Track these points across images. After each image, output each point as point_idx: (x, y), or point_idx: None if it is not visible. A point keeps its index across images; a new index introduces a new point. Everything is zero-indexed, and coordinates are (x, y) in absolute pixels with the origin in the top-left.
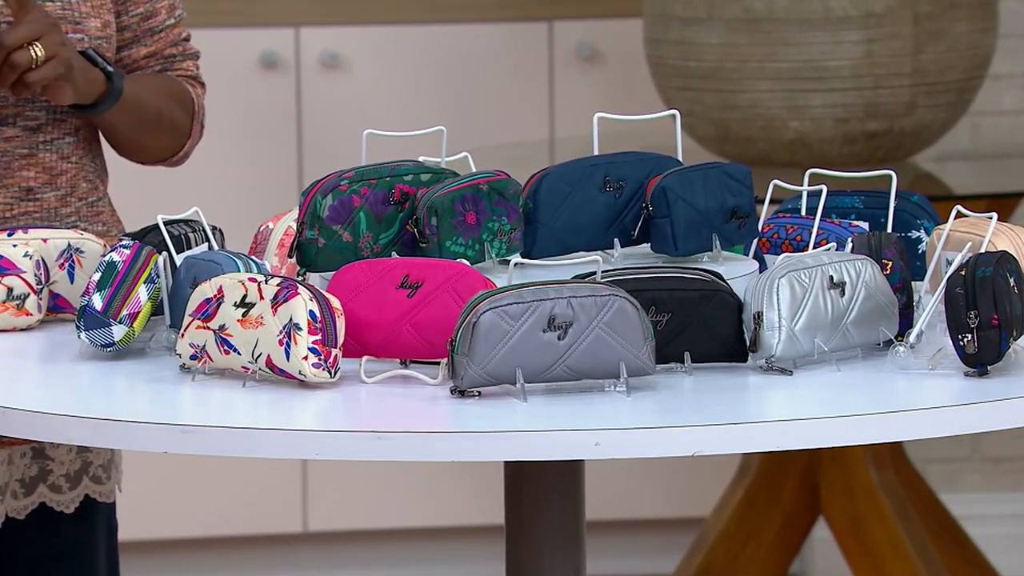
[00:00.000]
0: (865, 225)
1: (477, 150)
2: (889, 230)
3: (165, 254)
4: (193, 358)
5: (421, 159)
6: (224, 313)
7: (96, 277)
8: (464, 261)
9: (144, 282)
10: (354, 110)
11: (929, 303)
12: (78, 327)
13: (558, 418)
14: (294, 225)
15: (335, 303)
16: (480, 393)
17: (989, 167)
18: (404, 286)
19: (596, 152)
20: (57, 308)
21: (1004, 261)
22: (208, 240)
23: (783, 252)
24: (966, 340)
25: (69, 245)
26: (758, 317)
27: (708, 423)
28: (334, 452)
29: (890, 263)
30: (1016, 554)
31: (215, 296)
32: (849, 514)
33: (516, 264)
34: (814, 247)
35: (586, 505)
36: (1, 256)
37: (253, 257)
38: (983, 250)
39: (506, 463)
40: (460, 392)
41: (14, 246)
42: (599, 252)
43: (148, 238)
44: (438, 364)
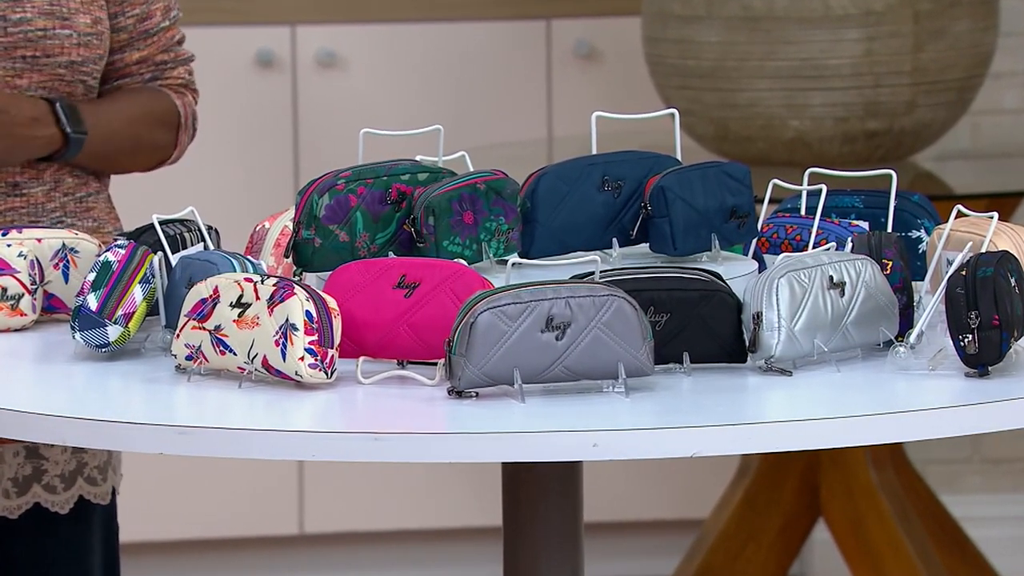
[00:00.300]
0: (865, 225)
1: (474, 149)
2: (889, 230)
3: (160, 254)
4: (189, 359)
5: (418, 158)
6: (220, 313)
7: (91, 277)
8: (461, 261)
9: (139, 282)
10: (351, 109)
11: (929, 303)
12: (73, 327)
13: (556, 419)
14: (290, 225)
15: (332, 303)
16: (478, 394)
17: (990, 166)
18: (401, 286)
19: (594, 151)
20: (52, 308)
21: (1005, 261)
22: (204, 240)
23: (782, 252)
24: (967, 340)
25: (64, 245)
26: (757, 317)
27: (707, 424)
28: (331, 453)
29: (890, 263)
30: (1017, 556)
31: (211, 296)
32: (849, 515)
33: (514, 264)
34: (814, 247)
35: (584, 506)
36: None
37: (249, 257)
38: (984, 250)
39: (504, 464)
40: (457, 393)
41: (8, 246)
42: (597, 252)
43: (143, 238)
44: (435, 365)
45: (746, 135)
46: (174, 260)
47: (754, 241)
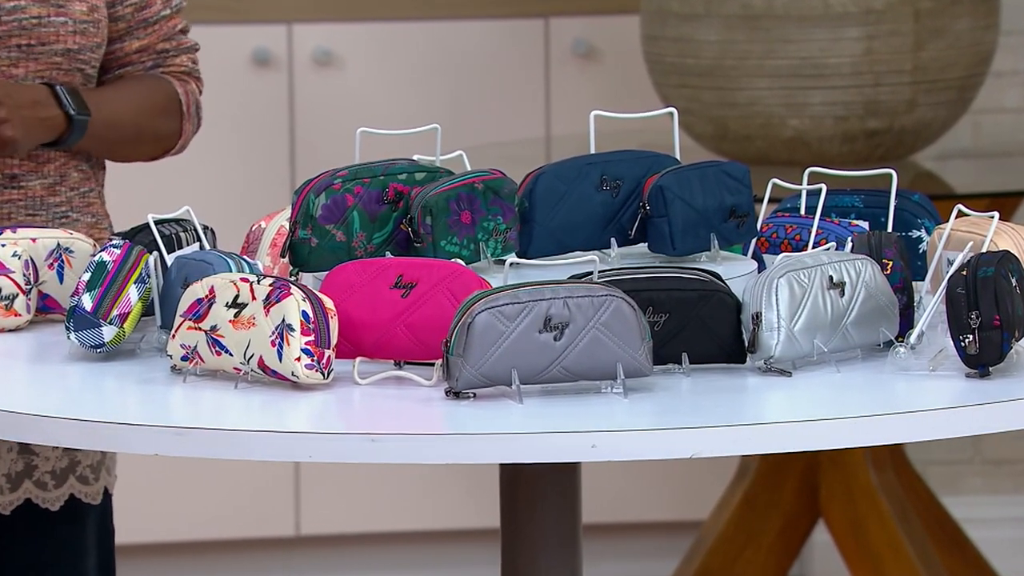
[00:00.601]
0: (865, 224)
1: (472, 148)
2: (889, 229)
3: (156, 254)
4: (184, 359)
5: (415, 157)
6: (216, 314)
7: (86, 277)
8: (459, 261)
9: (134, 282)
10: (348, 108)
11: (930, 303)
12: (67, 328)
13: (554, 420)
14: (287, 224)
15: (328, 303)
16: (475, 395)
17: (991, 165)
18: (398, 286)
19: (593, 150)
20: (46, 308)
21: (1006, 261)
22: (199, 239)
23: (782, 252)
24: (967, 341)
25: (58, 245)
26: (757, 318)
27: (706, 425)
28: (327, 454)
29: (890, 263)
30: (1018, 557)
31: (206, 296)
32: (849, 516)
33: (512, 264)
34: (813, 247)
35: (583, 508)
36: None
37: (245, 257)
38: (984, 250)
39: (502, 465)
40: (455, 394)
41: (2, 245)
42: (596, 252)
43: (138, 238)
44: (433, 365)
45: (745, 134)
46: (170, 260)
47: (753, 241)
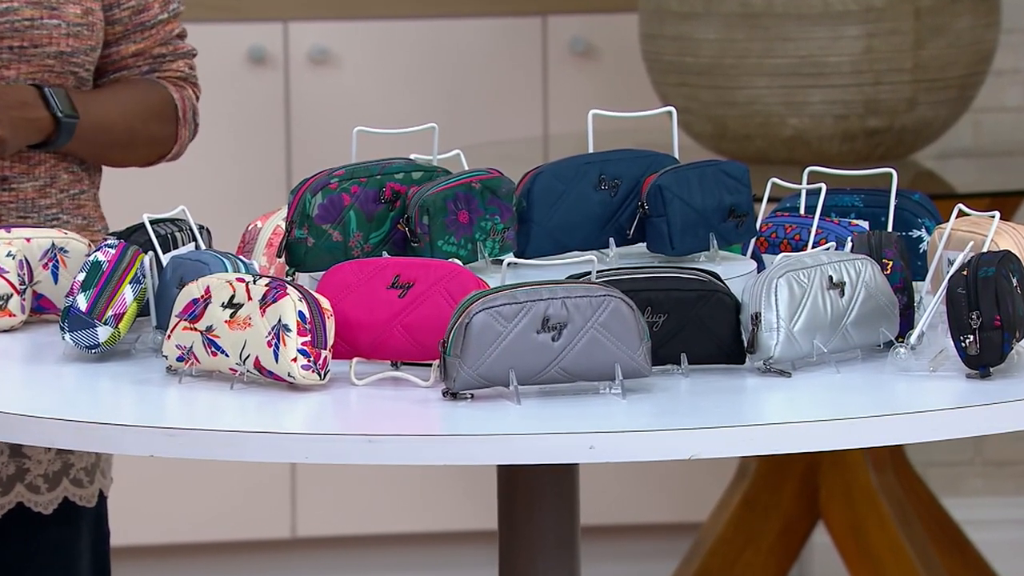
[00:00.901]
0: (865, 224)
1: (469, 148)
2: (890, 229)
3: (151, 254)
4: (180, 360)
5: (412, 157)
6: (211, 314)
7: (81, 277)
8: (456, 261)
9: (130, 282)
10: (344, 107)
11: (930, 304)
12: (62, 328)
13: (552, 421)
14: (283, 224)
15: (325, 304)
16: (473, 395)
17: (991, 165)
18: (395, 286)
19: (591, 150)
20: (41, 309)
21: (1007, 261)
22: (195, 239)
23: (781, 252)
24: (968, 341)
25: (53, 245)
26: (756, 318)
27: (705, 426)
28: (324, 456)
29: (891, 263)
30: (1019, 559)
31: (202, 297)
32: (849, 518)
33: (509, 264)
34: (813, 246)
35: (581, 510)
36: None
37: (241, 257)
38: (985, 249)
39: (499, 467)
40: (452, 394)
41: None
42: (594, 252)
43: (134, 237)
44: (430, 366)
45: (744, 133)
46: (165, 260)
47: (753, 241)
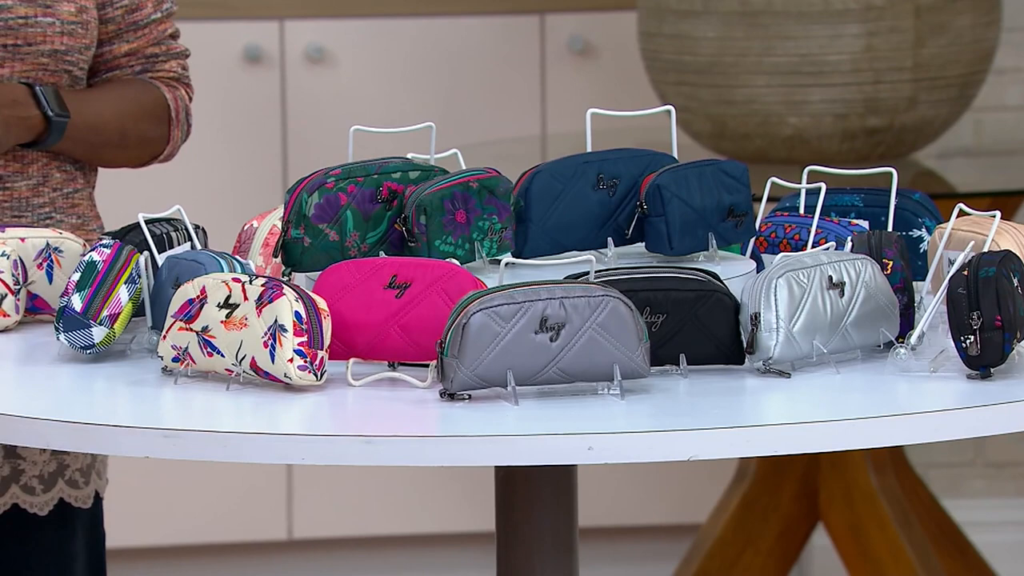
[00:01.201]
0: (865, 224)
1: (467, 147)
2: (890, 229)
3: (146, 253)
4: (175, 360)
5: (409, 156)
6: (207, 314)
7: (75, 277)
8: (454, 261)
9: (125, 282)
10: (340, 106)
11: (931, 304)
12: (57, 328)
13: (550, 422)
14: (279, 224)
15: (321, 304)
16: (470, 396)
17: (992, 164)
18: (392, 286)
19: (589, 149)
20: (35, 309)
21: (1008, 261)
22: (191, 239)
23: (781, 251)
24: (969, 342)
25: (48, 244)
26: (755, 318)
27: (704, 427)
28: (320, 457)
29: (891, 263)
30: (1020, 561)
31: (198, 297)
32: (849, 520)
33: (507, 264)
34: (813, 246)
35: (579, 511)
36: None
37: (237, 257)
38: (986, 249)
39: (497, 468)
40: (450, 395)
41: None
42: (592, 252)
43: (129, 237)
44: (427, 366)
45: (744, 132)
46: (160, 260)
47: (752, 240)
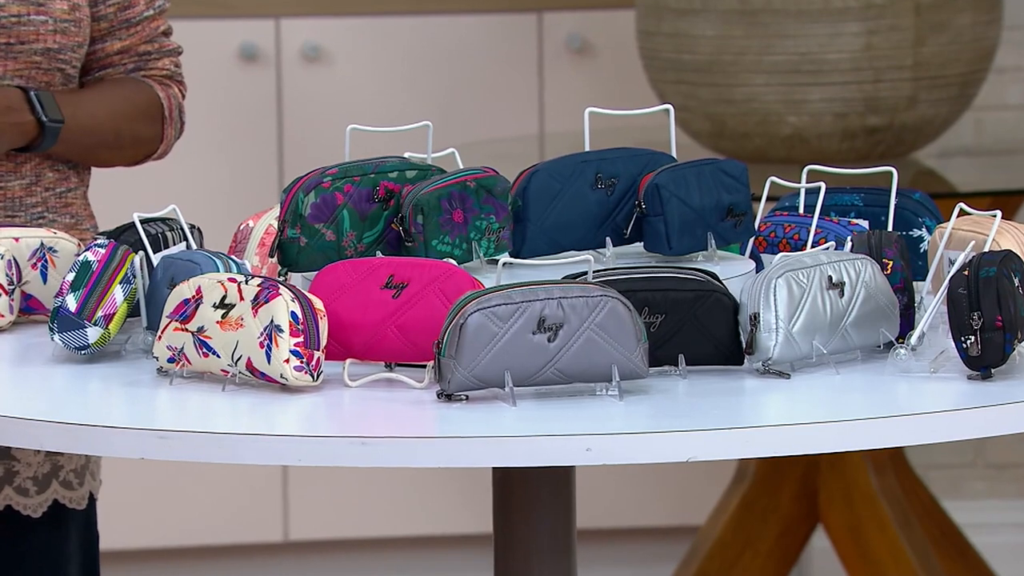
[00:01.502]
0: (865, 223)
1: (464, 146)
2: (890, 228)
3: (141, 253)
4: (171, 361)
5: (407, 155)
6: (203, 314)
7: (70, 277)
8: (451, 261)
9: (120, 282)
10: (337, 105)
11: (931, 304)
12: (51, 329)
13: (548, 423)
14: (275, 223)
15: (318, 304)
16: (467, 397)
17: (993, 163)
18: (389, 286)
19: (587, 148)
20: (29, 309)
21: (1008, 261)
22: (186, 239)
23: (780, 251)
24: (969, 342)
25: (42, 244)
26: (754, 318)
27: (703, 428)
28: (316, 458)
29: (891, 263)
30: (1021, 563)
31: (193, 297)
32: (848, 522)
33: (505, 264)
34: (812, 246)
35: (577, 513)
36: None
37: (233, 257)
38: (987, 249)
39: (494, 470)
40: (447, 396)
41: None
42: (590, 251)
43: (124, 237)
44: (424, 367)
45: (743, 131)
46: (156, 260)
47: (751, 240)
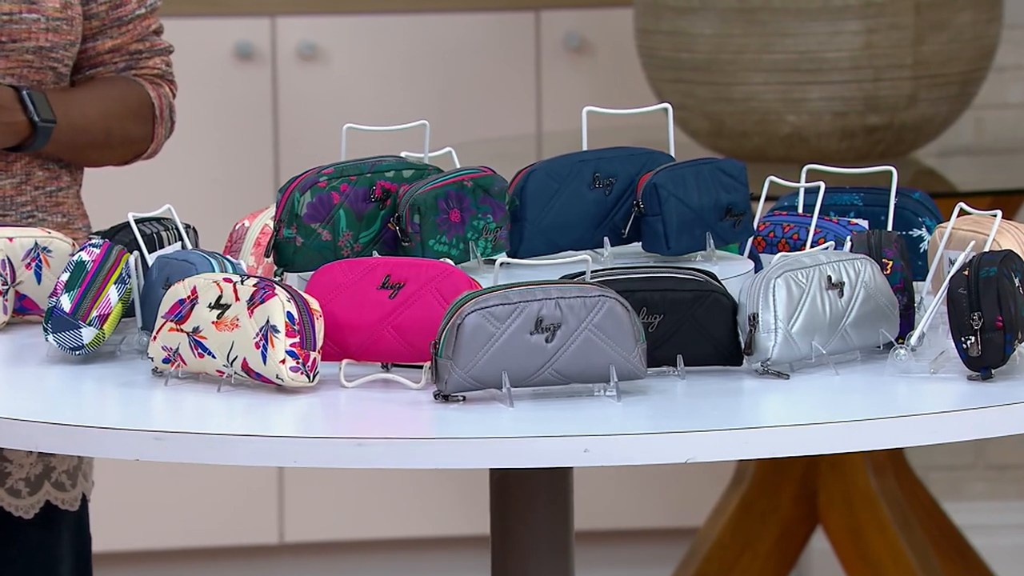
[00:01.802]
0: (864, 223)
1: (461, 145)
2: (889, 228)
3: (136, 253)
4: (166, 361)
5: (403, 154)
6: (198, 315)
7: (64, 277)
8: (448, 261)
9: (115, 282)
10: (333, 103)
11: (931, 304)
12: (45, 329)
13: (546, 424)
14: (271, 223)
15: (314, 304)
16: (465, 398)
17: (993, 162)
18: (386, 287)
19: (585, 147)
20: (23, 310)
21: (1009, 260)
22: (181, 239)
23: (779, 251)
24: (969, 342)
25: (36, 244)
26: (753, 319)
27: (702, 429)
28: (312, 459)
29: (890, 263)
30: (1021, 565)
31: (189, 297)
32: (848, 523)
33: (502, 264)
34: (811, 246)
35: (575, 514)
36: None
37: (228, 256)
38: (987, 249)
39: (492, 471)
40: (444, 397)
41: None
42: (588, 251)
43: (119, 237)
44: (421, 368)
45: (742, 130)
46: (151, 260)
47: (750, 240)
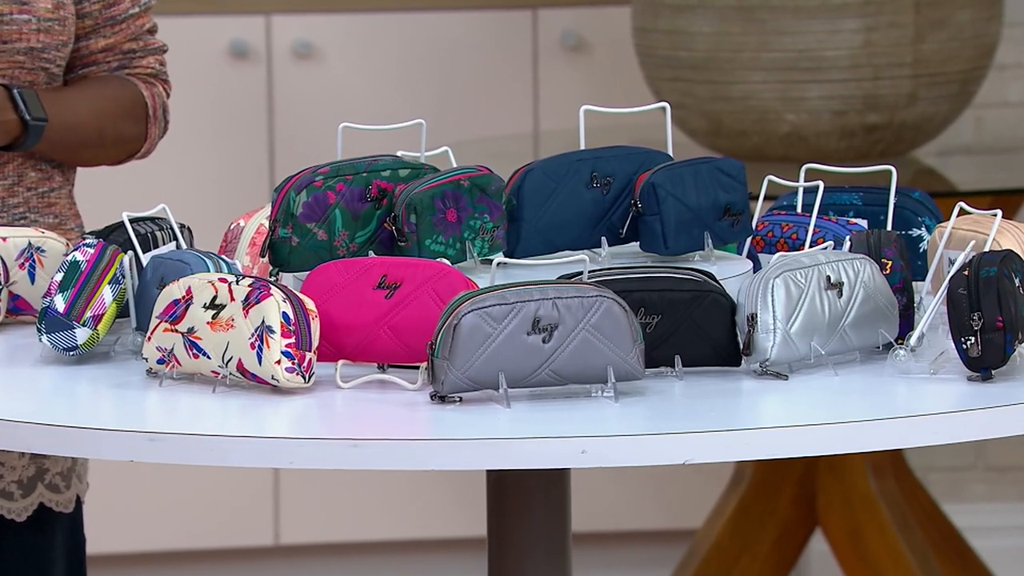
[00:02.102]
0: (864, 223)
1: (458, 144)
2: (889, 228)
3: (131, 253)
4: (160, 362)
5: (399, 154)
6: (193, 315)
7: (58, 277)
8: (445, 261)
9: (109, 283)
10: (329, 102)
11: (931, 304)
12: (39, 330)
13: (543, 425)
14: (266, 223)
15: (309, 304)
16: (461, 399)
17: (993, 162)
18: (382, 287)
19: (582, 146)
20: (17, 310)
21: (1009, 260)
22: (176, 238)
23: (778, 251)
24: (969, 343)
25: (30, 244)
26: (752, 319)
27: (700, 430)
28: (308, 461)
29: (890, 263)
30: (1021, 567)
31: (183, 297)
32: (847, 525)
33: (499, 264)
34: (810, 246)
35: (572, 516)
36: None
37: (223, 256)
38: (987, 249)
39: (488, 472)
40: (440, 398)
41: None
42: (586, 251)
43: (113, 237)
44: (417, 368)
45: (740, 129)
46: (145, 260)
47: (748, 240)
